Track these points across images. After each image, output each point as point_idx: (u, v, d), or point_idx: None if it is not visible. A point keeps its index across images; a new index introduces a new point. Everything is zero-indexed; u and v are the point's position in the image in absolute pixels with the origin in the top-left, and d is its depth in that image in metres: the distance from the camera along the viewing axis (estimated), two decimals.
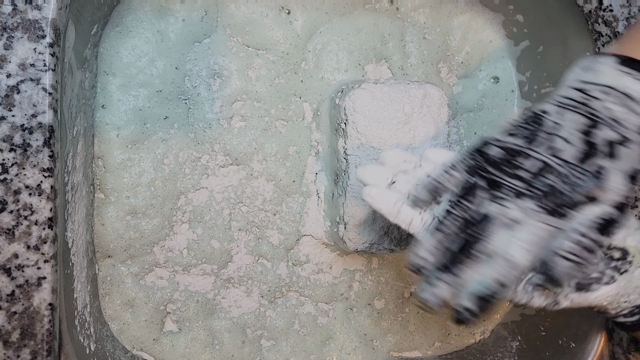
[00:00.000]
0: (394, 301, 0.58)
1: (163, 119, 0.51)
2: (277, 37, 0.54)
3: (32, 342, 0.37)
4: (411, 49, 0.58)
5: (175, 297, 0.52)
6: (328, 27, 0.55)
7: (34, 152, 0.37)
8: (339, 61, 0.55)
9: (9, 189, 0.37)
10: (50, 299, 0.37)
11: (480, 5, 0.59)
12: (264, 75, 0.54)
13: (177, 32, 0.52)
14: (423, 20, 0.58)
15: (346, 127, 0.49)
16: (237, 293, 0.54)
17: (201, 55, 0.53)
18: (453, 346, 0.60)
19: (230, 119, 0.53)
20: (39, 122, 0.37)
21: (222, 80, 0.53)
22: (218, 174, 0.53)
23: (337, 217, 0.52)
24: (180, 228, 0.52)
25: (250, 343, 0.54)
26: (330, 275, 0.56)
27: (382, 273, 0.57)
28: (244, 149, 0.53)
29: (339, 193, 0.52)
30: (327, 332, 0.56)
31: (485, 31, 0.60)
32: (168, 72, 0.52)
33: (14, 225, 0.37)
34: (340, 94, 0.51)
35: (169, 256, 0.52)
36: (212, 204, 0.53)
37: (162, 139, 0.51)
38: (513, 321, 0.60)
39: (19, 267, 0.37)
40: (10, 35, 0.37)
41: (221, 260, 0.53)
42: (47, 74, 0.38)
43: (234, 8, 0.53)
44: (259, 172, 0.54)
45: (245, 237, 0.54)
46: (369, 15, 0.56)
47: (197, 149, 0.52)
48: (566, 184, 0.34)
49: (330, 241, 0.55)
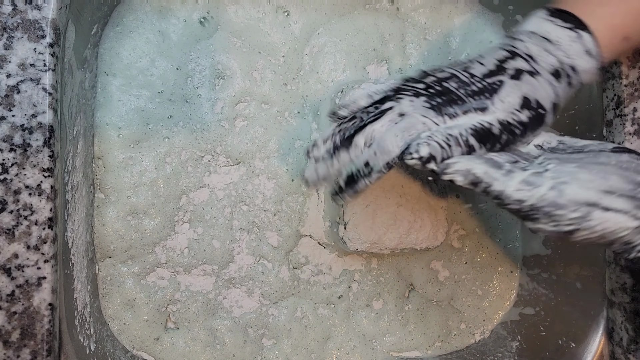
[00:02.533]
0: (394, 301, 0.58)
1: (167, 118, 0.51)
2: (277, 37, 0.54)
3: (32, 342, 0.37)
4: (411, 50, 0.58)
5: (176, 297, 0.52)
6: (327, 27, 0.56)
7: (34, 152, 0.37)
8: (337, 62, 0.55)
9: (9, 189, 0.37)
10: (50, 299, 0.37)
11: (480, 5, 0.59)
12: (267, 76, 0.54)
13: (179, 32, 0.52)
14: (423, 21, 0.58)
15: None
16: (239, 293, 0.54)
17: (204, 54, 0.53)
18: (453, 346, 0.60)
19: (234, 120, 0.53)
20: (39, 122, 0.37)
21: (224, 81, 0.53)
22: (220, 172, 0.53)
23: (337, 217, 0.52)
24: (181, 227, 0.52)
25: (252, 343, 0.54)
26: (330, 276, 0.56)
27: (381, 273, 0.57)
28: (245, 148, 0.53)
29: None
30: (327, 332, 0.56)
31: (485, 32, 0.60)
32: (169, 73, 0.52)
33: (14, 225, 0.37)
34: (340, 94, 0.51)
35: (170, 256, 0.52)
36: (213, 202, 0.53)
37: (164, 137, 0.51)
38: (513, 321, 0.60)
39: (19, 267, 0.37)
40: (10, 35, 0.37)
41: (222, 260, 0.53)
42: (47, 74, 0.38)
43: (234, 9, 0.53)
44: (261, 170, 0.54)
45: (247, 237, 0.54)
46: (369, 16, 0.56)
47: (200, 148, 0.52)
48: (461, 89, 0.36)
49: (330, 241, 0.55)
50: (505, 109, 0.35)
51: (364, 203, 0.50)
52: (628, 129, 0.47)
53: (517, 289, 0.61)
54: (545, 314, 0.57)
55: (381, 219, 0.50)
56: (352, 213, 0.50)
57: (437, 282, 0.59)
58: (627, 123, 0.47)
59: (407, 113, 0.36)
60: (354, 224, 0.50)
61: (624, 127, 0.47)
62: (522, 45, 0.37)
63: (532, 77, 0.36)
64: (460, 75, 0.37)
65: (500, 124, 0.35)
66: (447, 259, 0.59)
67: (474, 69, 0.37)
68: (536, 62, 0.37)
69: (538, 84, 0.36)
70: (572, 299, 0.54)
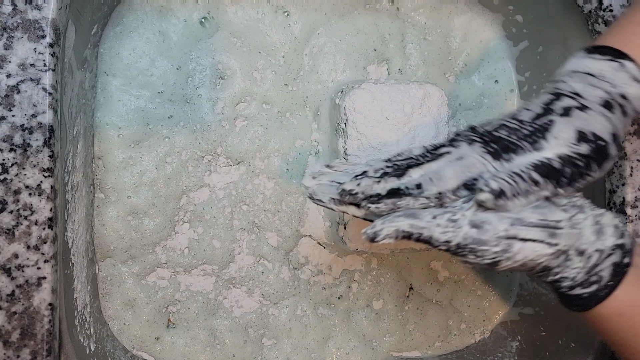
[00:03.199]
0: (394, 301, 0.58)
1: (167, 119, 0.51)
2: (277, 38, 0.54)
3: (32, 342, 0.37)
4: (411, 50, 0.58)
5: (176, 297, 0.52)
6: (327, 27, 0.56)
7: (34, 152, 0.37)
8: (337, 62, 0.55)
9: (9, 189, 0.37)
10: (50, 299, 0.37)
11: (480, 5, 0.59)
12: (267, 76, 0.54)
13: (179, 32, 0.52)
14: (424, 21, 0.58)
15: (346, 127, 0.49)
16: (239, 293, 0.54)
17: (205, 53, 0.52)
18: (453, 346, 0.60)
19: (234, 120, 0.53)
20: (39, 122, 0.37)
21: (225, 81, 0.53)
22: (220, 172, 0.53)
23: (337, 217, 0.52)
24: (181, 227, 0.52)
25: (252, 342, 0.54)
26: (330, 276, 0.56)
27: (381, 273, 0.57)
28: (245, 148, 0.53)
29: None
30: (327, 332, 0.56)
31: (486, 32, 0.60)
32: (170, 73, 0.52)
33: (14, 225, 0.37)
34: (340, 94, 0.51)
35: (170, 256, 0.52)
36: (213, 202, 0.53)
37: (164, 137, 0.51)
38: (513, 321, 0.60)
39: (19, 267, 0.37)
40: (10, 35, 0.37)
41: (222, 260, 0.53)
42: (47, 74, 0.38)
43: (233, 10, 0.53)
44: (261, 170, 0.54)
45: (248, 237, 0.54)
46: (369, 16, 0.56)
47: (201, 148, 0.52)
48: (512, 135, 0.36)
49: (330, 241, 0.55)
50: (562, 144, 0.35)
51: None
52: (628, 129, 0.47)
53: (517, 289, 0.61)
54: (545, 314, 0.57)
55: None
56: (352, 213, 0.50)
57: (437, 282, 0.59)
58: None
59: (465, 156, 0.36)
60: (354, 223, 0.50)
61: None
62: (565, 86, 0.37)
63: (582, 112, 0.36)
64: (509, 123, 0.37)
65: (559, 158, 0.35)
66: (447, 259, 0.59)
67: (521, 116, 0.37)
68: (583, 97, 0.36)
69: (590, 118, 0.36)
70: None
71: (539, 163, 0.35)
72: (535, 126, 0.36)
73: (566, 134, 0.35)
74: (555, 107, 0.36)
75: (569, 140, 0.35)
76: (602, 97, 0.36)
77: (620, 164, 0.47)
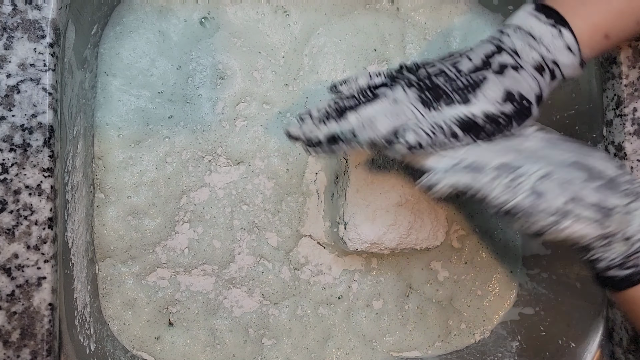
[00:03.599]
0: (394, 301, 0.58)
1: (167, 119, 0.51)
2: (276, 38, 0.54)
3: (32, 342, 0.37)
4: (411, 50, 0.58)
5: (176, 297, 0.52)
6: (327, 27, 0.56)
7: (34, 152, 0.37)
8: (336, 62, 0.55)
9: (9, 189, 0.37)
10: (50, 299, 0.37)
11: (480, 5, 0.59)
12: (268, 76, 0.54)
13: (179, 32, 0.52)
14: (424, 21, 0.58)
15: None
16: (239, 293, 0.54)
17: (205, 53, 0.52)
18: (453, 346, 0.60)
19: (234, 120, 0.53)
20: (39, 122, 0.37)
21: (225, 81, 0.53)
22: (220, 172, 0.53)
23: (337, 217, 0.52)
24: (181, 227, 0.52)
25: (252, 342, 0.54)
26: (330, 276, 0.56)
27: (381, 273, 0.57)
28: (245, 148, 0.53)
29: (339, 193, 0.52)
30: (327, 331, 0.56)
31: (486, 32, 0.60)
32: (170, 73, 0.52)
33: (14, 225, 0.37)
34: None
35: (171, 256, 0.52)
36: (213, 202, 0.53)
37: (165, 137, 0.51)
38: (513, 321, 0.60)
39: (19, 267, 0.37)
40: (10, 35, 0.37)
41: (223, 260, 0.53)
42: (47, 74, 0.38)
43: (233, 10, 0.53)
44: (261, 170, 0.54)
45: (248, 237, 0.54)
46: (369, 16, 0.56)
47: (201, 148, 0.52)
48: (448, 83, 0.39)
49: (330, 241, 0.55)
50: (489, 102, 0.38)
51: (364, 203, 0.50)
52: (628, 129, 0.47)
53: (517, 288, 0.61)
54: (545, 314, 0.57)
55: (381, 219, 0.50)
56: (352, 213, 0.50)
57: (436, 282, 0.59)
58: (627, 123, 0.47)
59: (399, 101, 0.39)
60: (354, 224, 0.50)
61: (624, 127, 0.47)
62: (508, 41, 0.40)
63: (515, 72, 0.39)
64: (448, 71, 0.40)
65: (485, 115, 0.38)
66: (447, 259, 0.59)
67: (462, 64, 0.40)
68: (520, 57, 0.39)
69: (521, 78, 0.38)
70: (572, 299, 0.54)
71: (465, 118, 0.38)
72: (470, 80, 0.39)
73: (495, 93, 0.38)
74: (493, 62, 0.39)
75: (496, 99, 0.38)
76: (537, 60, 0.39)
77: (621, 164, 0.47)
